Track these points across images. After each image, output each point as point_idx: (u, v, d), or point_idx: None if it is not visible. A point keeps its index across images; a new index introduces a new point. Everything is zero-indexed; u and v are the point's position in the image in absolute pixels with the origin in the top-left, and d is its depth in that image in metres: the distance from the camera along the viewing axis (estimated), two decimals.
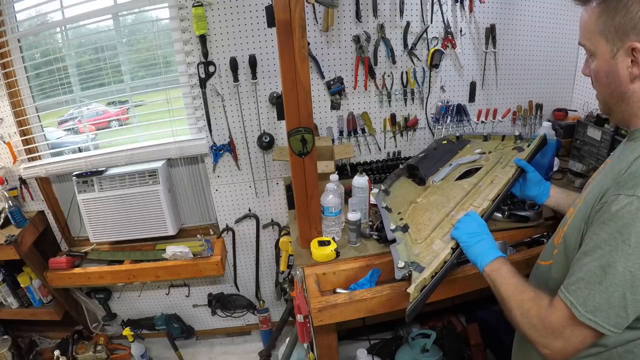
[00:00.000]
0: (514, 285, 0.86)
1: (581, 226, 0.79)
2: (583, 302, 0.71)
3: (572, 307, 0.72)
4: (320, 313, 1.25)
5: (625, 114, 0.80)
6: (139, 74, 2.06)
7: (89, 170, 2.00)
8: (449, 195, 1.44)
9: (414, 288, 1.03)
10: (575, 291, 0.73)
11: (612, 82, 0.77)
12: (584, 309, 0.71)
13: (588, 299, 0.71)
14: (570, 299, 0.73)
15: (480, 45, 2.02)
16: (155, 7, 1.83)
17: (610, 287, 0.69)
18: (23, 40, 1.92)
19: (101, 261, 2.15)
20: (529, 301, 0.81)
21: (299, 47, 1.17)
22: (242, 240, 2.30)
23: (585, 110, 2.05)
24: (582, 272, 0.73)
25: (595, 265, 0.71)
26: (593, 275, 0.71)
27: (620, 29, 0.72)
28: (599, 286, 0.70)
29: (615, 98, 0.79)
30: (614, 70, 0.76)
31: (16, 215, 1.99)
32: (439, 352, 1.92)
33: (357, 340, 2.23)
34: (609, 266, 0.69)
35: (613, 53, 0.75)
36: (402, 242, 1.33)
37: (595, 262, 0.71)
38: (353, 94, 2.00)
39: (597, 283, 0.70)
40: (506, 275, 0.90)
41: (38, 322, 2.34)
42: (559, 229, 0.95)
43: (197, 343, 2.55)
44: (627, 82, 0.75)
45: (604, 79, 0.79)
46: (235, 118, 1.98)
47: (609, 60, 0.76)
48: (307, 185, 1.38)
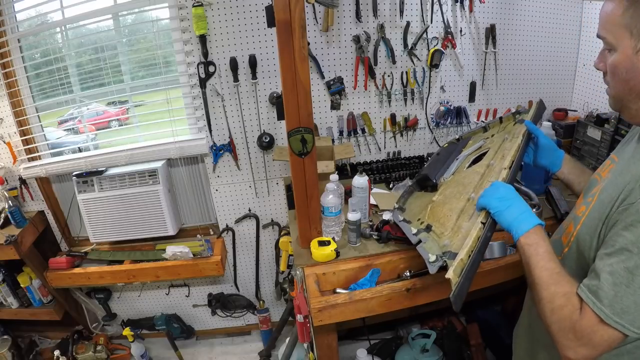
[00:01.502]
0: (550, 272, 0.81)
1: (598, 226, 0.78)
2: (609, 304, 0.70)
3: (599, 310, 0.71)
4: (320, 313, 1.25)
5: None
6: (139, 74, 2.06)
7: (89, 170, 2.00)
8: (464, 182, 1.37)
9: (452, 272, 0.96)
10: (600, 293, 0.71)
11: (632, 78, 0.75)
12: (611, 311, 0.70)
13: (615, 302, 0.70)
14: (594, 301, 0.72)
15: (480, 45, 2.02)
16: (155, 7, 1.83)
17: (639, 289, 0.68)
18: (23, 40, 1.92)
19: (101, 261, 2.15)
20: (562, 297, 0.77)
21: (299, 47, 1.17)
22: (242, 240, 2.30)
23: (585, 110, 2.04)
24: (607, 273, 0.71)
25: (622, 267, 0.69)
26: (620, 277, 0.70)
27: None
28: (627, 289, 0.69)
29: (632, 95, 0.77)
30: (636, 66, 0.74)
31: (16, 215, 1.99)
32: (439, 352, 1.92)
33: (357, 340, 2.23)
34: (637, 268, 0.68)
35: (637, 49, 0.73)
36: (428, 241, 1.25)
37: (622, 263, 0.70)
38: (353, 94, 2.00)
39: (624, 285, 0.69)
40: (544, 256, 0.82)
41: (38, 322, 2.34)
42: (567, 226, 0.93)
43: (197, 343, 2.55)
44: None
45: (623, 74, 0.76)
46: (235, 118, 1.98)
47: (631, 56, 0.74)
48: (307, 185, 1.38)
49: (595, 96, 2.02)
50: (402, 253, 1.45)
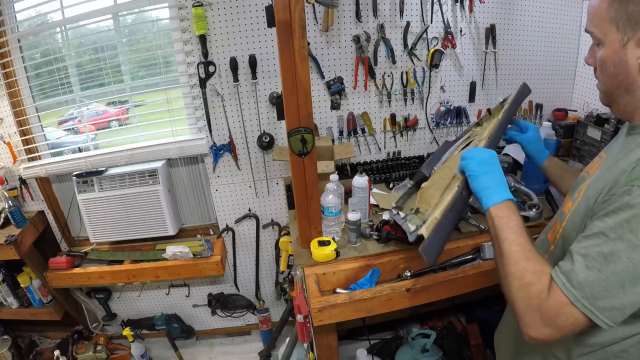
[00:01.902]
0: (521, 247, 0.79)
1: (583, 220, 0.77)
2: (579, 286, 0.68)
3: (568, 292, 0.69)
4: (320, 313, 1.25)
5: (629, 106, 0.78)
6: (139, 74, 2.06)
7: (89, 170, 2.00)
8: (451, 165, 1.36)
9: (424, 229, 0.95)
10: (571, 274, 0.70)
11: (619, 72, 0.75)
12: (581, 294, 0.68)
13: (585, 285, 0.68)
14: (564, 282, 0.70)
15: (480, 45, 2.02)
16: (155, 7, 1.83)
17: (611, 276, 0.66)
18: (23, 40, 1.92)
19: (101, 261, 2.15)
20: (532, 274, 0.75)
21: (299, 47, 1.17)
22: (242, 240, 2.30)
23: (585, 110, 2.04)
24: (581, 255, 0.70)
25: (597, 251, 0.68)
26: (593, 261, 0.68)
27: (633, 17, 0.69)
28: (599, 273, 0.67)
29: (621, 89, 0.76)
30: (623, 60, 0.73)
31: (16, 215, 1.99)
32: (439, 352, 1.92)
33: (357, 340, 2.23)
34: (611, 254, 0.66)
35: (623, 42, 0.72)
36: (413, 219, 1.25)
37: (597, 247, 0.68)
38: (353, 94, 2.00)
39: (596, 269, 0.67)
40: (515, 230, 0.81)
41: (38, 322, 2.34)
42: (554, 223, 0.92)
43: (197, 343, 2.55)
44: (635, 73, 0.73)
45: (610, 68, 0.76)
46: (235, 118, 1.98)
47: (618, 50, 0.73)
48: (307, 185, 1.38)
49: (595, 96, 2.00)
50: (402, 253, 1.45)
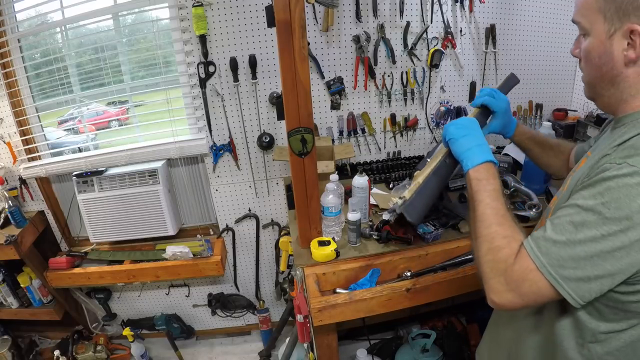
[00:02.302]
0: (494, 211, 0.79)
1: None
2: (547, 252, 0.67)
3: (535, 257, 0.68)
4: (320, 313, 1.25)
5: (613, 99, 0.76)
6: (139, 74, 2.06)
7: (89, 170, 2.00)
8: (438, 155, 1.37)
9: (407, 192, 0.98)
10: (540, 241, 0.69)
11: (604, 64, 0.73)
12: (547, 261, 0.67)
13: (552, 252, 0.67)
14: (532, 247, 0.69)
15: (480, 45, 2.02)
16: (155, 7, 1.83)
17: (579, 245, 0.65)
18: (23, 40, 1.92)
19: (101, 261, 2.15)
20: (503, 239, 0.75)
21: (299, 47, 1.17)
22: (242, 240, 2.30)
23: (585, 110, 2.05)
24: (552, 224, 0.69)
25: (567, 220, 0.67)
26: (563, 229, 0.67)
27: (622, 8, 0.68)
28: (567, 241, 0.66)
29: (605, 82, 0.75)
30: (609, 51, 0.71)
31: (16, 215, 1.99)
32: (439, 352, 1.92)
33: (357, 340, 2.23)
34: (582, 224, 0.65)
35: (610, 33, 0.70)
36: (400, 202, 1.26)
37: (569, 217, 0.67)
38: (353, 94, 2.00)
39: (564, 238, 0.66)
40: (491, 194, 0.81)
41: (38, 322, 2.34)
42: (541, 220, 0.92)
43: (197, 343, 2.55)
44: (620, 65, 0.71)
45: (596, 59, 0.74)
46: (235, 118, 1.98)
47: (604, 41, 0.71)
48: (307, 185, 1.38)
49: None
50: (402, 253, 1.45)
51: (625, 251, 0.62)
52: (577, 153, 1.08)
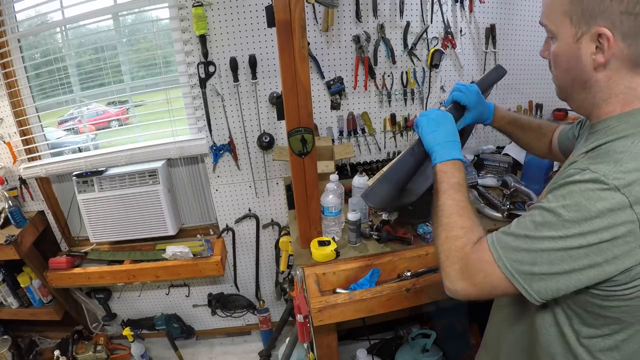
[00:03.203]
0: (456, 202, 0.82)
1: None
2: (504, 246, 0.69)
3: (493, 249, 0.70)
4: (320, 313, 1.25)
5: (586, 102, 0.74)
6: (139, 74, 2.06)
7: (89, 170, 2.00)
8: None
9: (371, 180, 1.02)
10: (501, 234, 0.71)
11: (572, 67, 0.71)
12: (504, 254, 0.69)
13: (510, 247, 0.68)
14: (494, 242, 0.71)
15: (480, 45, 2.02)
16: (155, 7, 1.83)
17: (537, 242, 0.66)
18: (23, 40, 1.92)
19: (101, 261, 2.15)
20: (460, 229, 0.78)
21: (299, 47, 1.17)
22: (242, 240, 2.30)
23: None
24: (515, 221, 0.71)
25: (529, 220, 0.68)
26: (523, 227, 0.68)
27: (588, 11, 0.65)
28: (525, 238, 0.67)
29: (576, 85, 0.73)
30: (577, 55, 0.69)
31: (16, 215, 1.99)
32: (439, 352, 1.92)
33: (357, 340, 2.23)
34: (542, 225, 0.66)
35: (577, 37, 0.68)
36: None
37: (531, 217, 0.68)
38: (353, 94, 2.00)
39: (523, 234, 0.68)
40: (454, 186, 0.84)
41: (38, 322, 2.34)
42: None
43: (197, 343, 2.55)
44: (589, 69, 0.69)
45: (564, 63, 0.73)
46: (235, 118, 1.98)
47: (572, 44, 0.69)
48: (307, 185, 1.38)
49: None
50: (402, 253, 1.45)
51: (583, 252, 0.62)
52: (561, 135, 1.08)
